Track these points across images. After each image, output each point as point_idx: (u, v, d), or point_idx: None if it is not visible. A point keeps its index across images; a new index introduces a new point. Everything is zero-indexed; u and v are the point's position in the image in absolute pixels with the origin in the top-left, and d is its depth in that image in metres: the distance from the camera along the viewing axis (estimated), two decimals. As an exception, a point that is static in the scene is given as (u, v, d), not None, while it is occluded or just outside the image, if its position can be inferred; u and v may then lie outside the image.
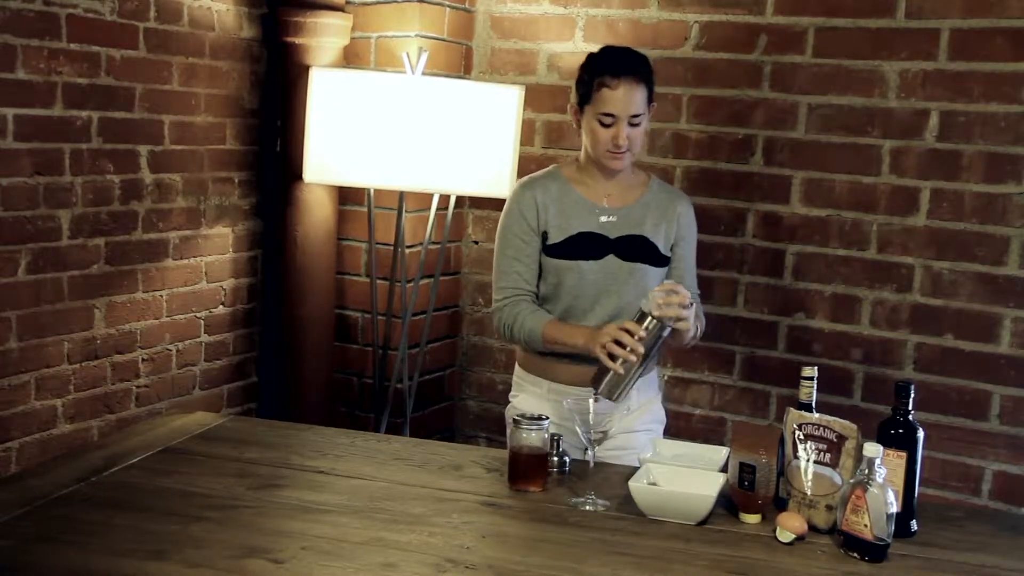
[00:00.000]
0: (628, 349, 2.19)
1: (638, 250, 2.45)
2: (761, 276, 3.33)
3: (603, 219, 2.45)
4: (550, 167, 2.56)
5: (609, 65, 2.37)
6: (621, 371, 2.20)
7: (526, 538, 1.89)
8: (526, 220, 2.45)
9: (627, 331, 2.20)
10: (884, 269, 3.17)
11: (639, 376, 2.27)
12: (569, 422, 2.29)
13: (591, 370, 2.38)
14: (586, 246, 2.43)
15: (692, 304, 2.24)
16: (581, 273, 2.43)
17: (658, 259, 2.47)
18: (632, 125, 2.36)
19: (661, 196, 2.51)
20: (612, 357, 2.20)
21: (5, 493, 1.97)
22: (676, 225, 2.49)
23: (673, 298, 2.20)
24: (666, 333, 2.23)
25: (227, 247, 3.46)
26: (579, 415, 2.07)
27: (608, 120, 2.35)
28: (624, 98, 2.34)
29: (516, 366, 2.61)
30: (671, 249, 2.49)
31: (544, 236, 2.46)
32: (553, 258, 2.44)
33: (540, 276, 2.48)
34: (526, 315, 2.42)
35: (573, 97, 2.44)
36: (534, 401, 2.51)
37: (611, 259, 2.43)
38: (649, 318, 2.20)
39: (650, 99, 2.41)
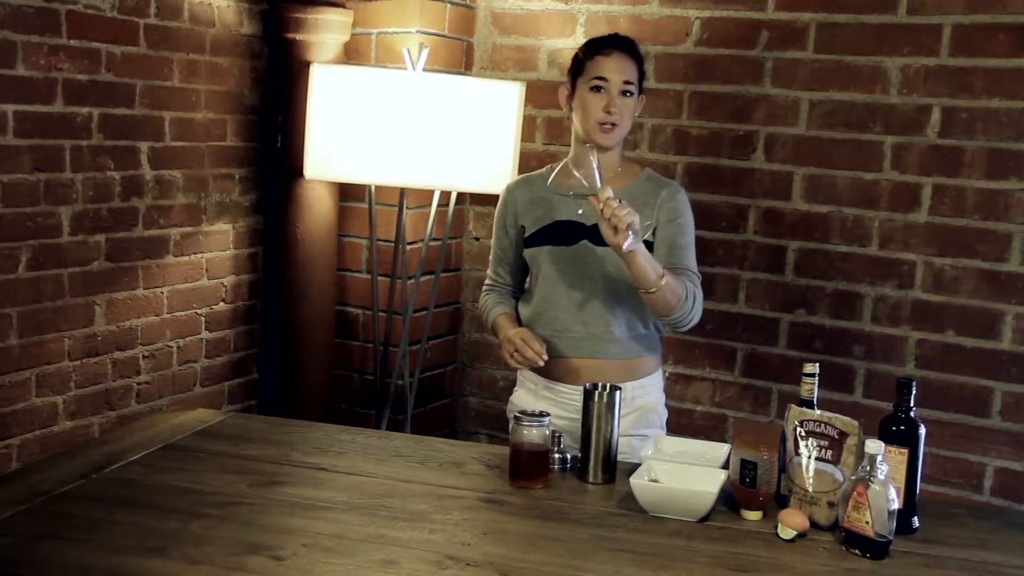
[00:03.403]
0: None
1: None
2: (762, 272, 3.33)
3: (582, 209, 2.44)
4: (546, 167, 2.59)
5: (603, 39, 2.47)
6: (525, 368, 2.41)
7: (527, 535, 1.88)
8: (504, 217, 2.57)
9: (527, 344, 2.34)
10: (886, 265, 3.17)
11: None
12: (569, 419, 2.29)
13: (580, 366, 2.42)
14: (560, 233, 2.46)
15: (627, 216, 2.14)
16: (554, 258, 2.44)
17: None
18: (624, 94, 2.39)
19: (647, 185, 2.47)
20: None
21: (6, 490, 1.97)
22: (657, 210, 2.42)
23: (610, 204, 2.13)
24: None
25: (228, 243, 3.46)
26: (579, 170, 2.24)
27: (600, 83, 2.39)
28: (617, 64, 2.40)
29: None
30: (653, 233, 2.42)
31: (522, 230, 2.51)
32: (529, 248, 2.50)
33: (525, 269, 2.58)
34: (490, 306, 2.57)
35: (566, 82, 2.50)
36: (528, 397, 2.52)
37: (584, 244, 2.42)
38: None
39: (640, 85, 2.45)
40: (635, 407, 2.44)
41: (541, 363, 2.34)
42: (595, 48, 2.43)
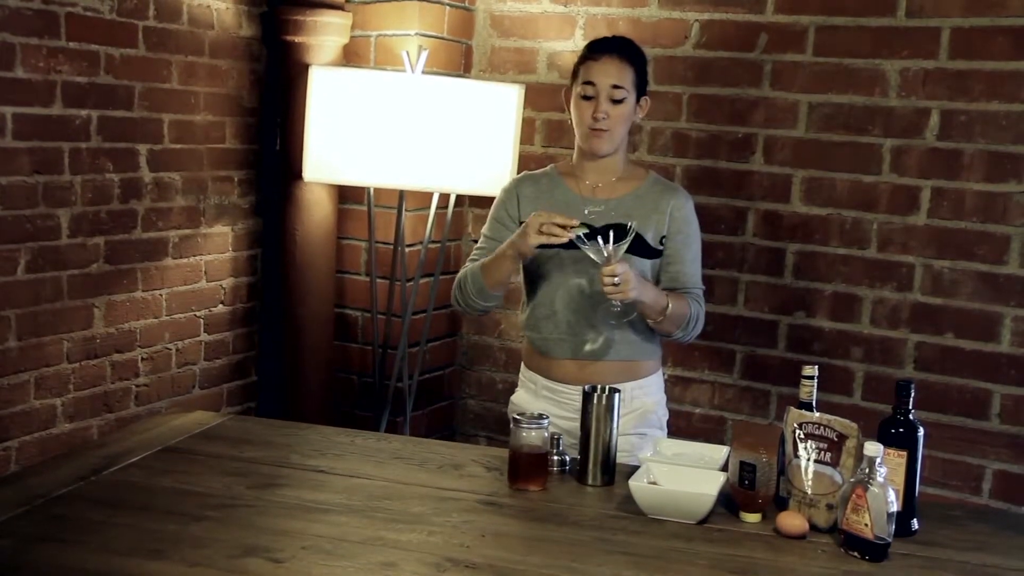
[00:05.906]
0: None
1: (622, 238, 2.36)
2: (761, 275, 3.33)
3: (589, 210, 2.41)
4: (548, 166, 2.58)
5: (595, 43, 2.43)
6: (566, 238, 2.21)
7: (526, 537, 1.88)
8: (505, 209, 2.50)
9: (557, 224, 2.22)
10: (885, 268, 3.17)
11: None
12: (569, 420, 2.29)
13: (580, 367, 2.39)
14: None
15: (621, 277, 2.21)
16: (561, 261, 2.40)
17: (645, 250, 2.40)
18: (614, 101, 2.36)
19: (656, 189, 2.47)
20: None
21: (4, 492, 1.97)
22: (668, 218, 2.42)
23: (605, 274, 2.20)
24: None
25: (227, 246, 3.46)
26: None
27: (589, 90, 2.36)
28: (605, 68, 2.36)
29: (522, 363, 2.62)
30: (662, 242, 2.42)
31: None
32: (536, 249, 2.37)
33: (526, 273, 2.49)
34: (470, 266, 2.46)
35: (568, 85, 2.47)
36: (528, 397, 2.52)
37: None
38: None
39: (641, 89, 2.41)
40: (633, 408, 2.44)
41: (575, 223, 2.24)
42: (586, 52, 2.41)
